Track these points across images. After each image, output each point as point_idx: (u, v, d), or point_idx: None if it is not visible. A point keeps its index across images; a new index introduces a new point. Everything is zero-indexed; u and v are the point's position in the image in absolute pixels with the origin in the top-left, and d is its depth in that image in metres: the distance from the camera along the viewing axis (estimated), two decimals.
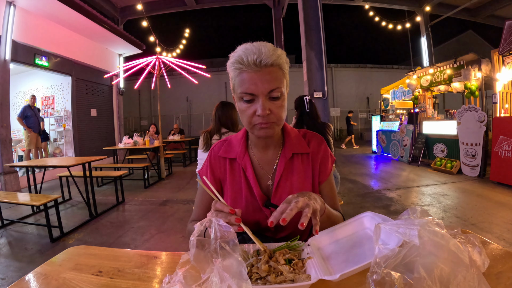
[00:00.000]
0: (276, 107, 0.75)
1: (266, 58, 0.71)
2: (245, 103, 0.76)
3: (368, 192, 4.57)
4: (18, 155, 7.48)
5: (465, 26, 15.93)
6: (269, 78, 0.73)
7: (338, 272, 0.53)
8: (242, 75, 0.74)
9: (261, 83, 0.72)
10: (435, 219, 0.55)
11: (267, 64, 0.72)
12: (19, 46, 5.67)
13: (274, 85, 0.73)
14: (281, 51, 0.77)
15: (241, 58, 0.72)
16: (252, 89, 0.73)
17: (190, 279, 0.50)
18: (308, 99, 2.49)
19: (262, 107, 0.73)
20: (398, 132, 7.61)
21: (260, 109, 0.73)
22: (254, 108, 0.74)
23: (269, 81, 0.73)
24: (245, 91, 0.74)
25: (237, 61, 0.73)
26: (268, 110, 0.74)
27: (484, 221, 3.08)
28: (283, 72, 0.76)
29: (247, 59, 0.72)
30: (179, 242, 2.90)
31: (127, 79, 9.74)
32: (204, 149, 2.41)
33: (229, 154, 0.91)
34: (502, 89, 5.06)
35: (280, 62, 0.75)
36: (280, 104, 0.76)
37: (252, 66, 0.72)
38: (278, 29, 11.05)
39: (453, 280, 0.43)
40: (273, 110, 0.75)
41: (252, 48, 0.73)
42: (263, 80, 0.72)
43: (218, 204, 0.66)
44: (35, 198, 3.01)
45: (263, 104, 0.73)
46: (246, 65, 0.72)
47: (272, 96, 0.74)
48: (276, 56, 0.74)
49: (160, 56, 6.21)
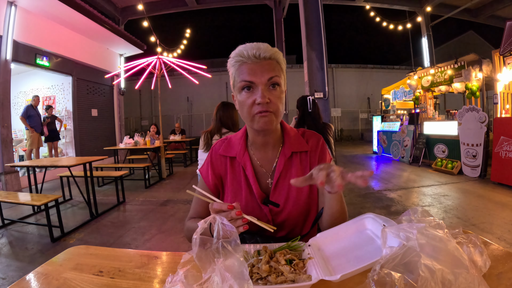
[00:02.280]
0: (275, 96, 0.79)
1: (264, 52, 0.77)
2: (245, 92, 0.79)
3: (368, 192, 4.56)
4: (19, 155, 7.49)
5: (466, 27, 15.88)
6: (268, 68, 0.78)
7: (339, 273, 0.53)
8: (242, 67, 0.79)
9: (260, 72, 0.77)
10: (436, 219, 0.55)
11: (266, 57, 0.78)
12: (20, 46, 5.67)
13: (272, 74, 0.78)
14: (279, 50, 0.82)
15: (241, 52, 0.78)
16: (252, 77, 0.77)
17: (191, 278, 0.50)
18: (311, 100, 2.48)
19: (261, 94, 0.76)
20: (399, 133, 7.60)
21: (259, 97, 0.76)
22: (253, 97, 0.78)
23: (268, 70, 0.78)
24: (244, 79, 0.78)
25: (238, 54, 0.79)
26: (267, 99, 0.77)
27: (485, 221, 3.08)
28: (280, 67, 0.82)
29: (247, 53, 0.77)
30: (180, 242, 2.91)
31: (128, 79, 9.75)
32: (204, 149, 2.41)
33: (229, 153, 0.92)
34: (503, 90, 5.05)
35: (277, 56, 0.80)
36: (279, 94, 0.80)
37: (252, 58, 0.77)
38: (279, 30, 11.04)
39: (454, 282, 0.43)
40: (272, 99, 0.78)
41: (251, 45, 0.79)
42: (262, 69, 0.77)
43: (215, 205, 0.67)
44: (36, 198, 3.01)
45: (262, 92, 0.76)
46: (246, 58, 0.78)
47: (272, 83, 0.78)
48: (274, 51, 0.80)
49: (161, 56, 6.22)
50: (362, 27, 23.57)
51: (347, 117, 15.89)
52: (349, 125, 16.08)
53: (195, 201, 0.95)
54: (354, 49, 27.95)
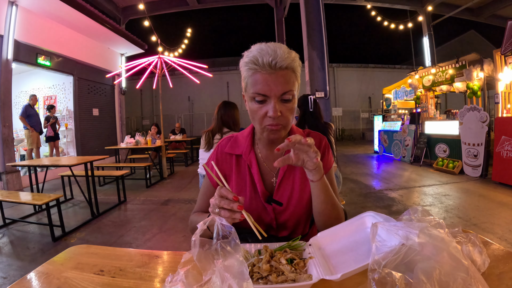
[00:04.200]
0: (287, 109, 0.77)
1: (281, 60, 0.72)
2: (256, 103, 0.76)
3: (369, 192, 4.56)
4: (20, 155, 7.50)
5: (467, 26, 15.82)
6: (282, 80, 0.73)
7: (340, 272, 0.53)
8: (256, 76, 0.74)
9: (274, 85, 0.73)
10: (436, 218, 0.54)
11: (282, 67, 0.72)
12: (21, 45, 5.68)
13: (287, 88, 0.74)
14: (295, 54, 0.77)
15: (256, 59, 0.73)
16: (265, 90, 0.73)
17: (192, 278, 0.50)
18: (312, 99, 2.48)
19: (273, 108, 0.74)
20: (400, 132, 7.59)
21: (271, 111, 0.74)
22: (265, 109, 0.75)
23: (283, 83, 0.73)
24: (257, 92, 0.74)
25: (252, 61, 0.74)
26: (279, 112, 0.74)
27: (486, 221, 3.07)
28: (296, 75, 0.77)
29: (262, 60, 0.72)
30: (181, 242, 2.91)
31: (129, 79, 9.75)
32: (205, 149, 2.41)
33: (235, 151, 0.93)
34: (504, 89, 5.04)
35: (294, 65, 0.75)
36: (291, 106, 0.78)
37: (267, 67, 0.72)
38: (280, 29, 11.02)
39: (452, 283, 0.43)
40: (284, 112, 0.76)
41: (267, 49, 0.73)
42: (276, 82, 0.73)
43: (223, 190, 0.66)
44: (37, 197, 3.01)
45: (274, 106, 0.74)
46: (260, 66, 0.72)
47: (284, 99, 0.75)
48: (291, 59, 0.74)
49: (162, 56, 6.22)
50: (363, 26, 23.57)
51: (348, 117, 15.87)
52: (350, 125, 16.07)
53: (201, 196, 0.96)
54: (355, 48, 27.92)
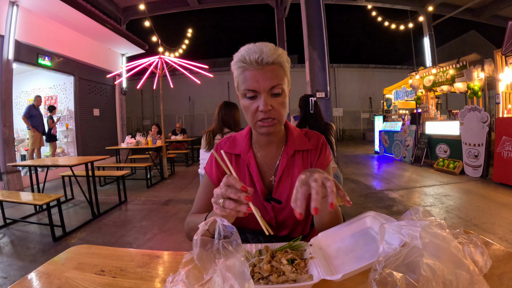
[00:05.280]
0: (277, 103, 0.79)
1: (267, 56, 0.75)
2: (248, 99, 0.79)
3: (370, 192, 4.55)
4: (21, 155, 7.51)
5: (468, 26, 15.80)
6: (270, 75, 0.76)
7: (340, 272, 0.53)
8: (245, 73, 0.78)
9: (263, 80, 0.76)
10: (437, 219, 0.54)
11: (268, 62, 0.76)
12: (22, 46, 5.69)
13: (275, 82, 0.77)
14: (282, 50, 0.80)
15: (243, 57, 0.76)
16: (254, 86, 0.76)
17: (192, 278, 0.50)
18: (313, 101, 2.49)
19: (264, 103, 0.76)
20: (401, 133, 7.58)
21: (262, 105, 0.77)
22: (256, 104, 0.78)
23: (271, 78, 0.76)
24: (247, 88, 0.77)
25: (240, 60, 0.77)
26: (269, 106, 0.77)
27: (487, 222, 3.07)
28: (284, 70, 0.80)
29: (249, 58, 0.75)
30: (181, 242, 2.91)
31: (130, 79, 9.77)
32: (206, 149, 2.41)
33: (234, 150, 0.94)
34: (505, 90, 5.02)
35: (280, 60, 0.78)
36: (281, 100, 0.80)
37: (254, 64, 0.75)
38: (281, 29, 11.03)
39: (455, 282, 0.43)
40: (275, 106, 0.78)
41: (254, 48, 0.77)
42: (264, 77, 0.76)
43: (231, 178, 0.64)
44: (38, 197, 3.02)
45: (265, 100, 0.76)
46: (248, 64, 0.76)
47: (274, 93, 0.78)
48: (277, 55, 0.77)
49: (163, 56, 6.22)
50: (364, 27, 23.57)
51: (348, 117, 15.85)
52: (351, 125, 16.04)
53: (199, 197, 0.96)
54: (356, 49, 27.96)
